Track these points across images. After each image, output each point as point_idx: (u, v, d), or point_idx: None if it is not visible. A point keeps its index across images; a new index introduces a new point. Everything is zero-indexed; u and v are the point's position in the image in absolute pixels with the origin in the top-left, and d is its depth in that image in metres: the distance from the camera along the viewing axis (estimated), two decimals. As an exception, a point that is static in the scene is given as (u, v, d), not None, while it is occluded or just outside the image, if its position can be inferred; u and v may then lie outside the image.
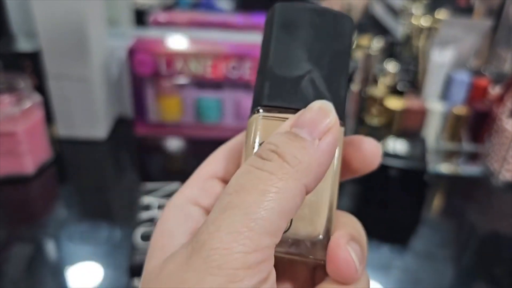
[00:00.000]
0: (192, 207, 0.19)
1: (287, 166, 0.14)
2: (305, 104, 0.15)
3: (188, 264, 0.14)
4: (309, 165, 0.15)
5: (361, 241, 0.17)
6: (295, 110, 0.16)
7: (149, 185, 0.43)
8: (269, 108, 0.16)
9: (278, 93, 0.16)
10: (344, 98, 0.17)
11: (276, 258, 0.16)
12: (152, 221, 0.38)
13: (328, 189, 0.16)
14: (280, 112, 0.16)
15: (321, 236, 0.16)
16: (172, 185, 0.43)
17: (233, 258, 0.13)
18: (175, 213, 0.18)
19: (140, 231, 0.37)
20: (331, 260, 0.16)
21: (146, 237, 0.36)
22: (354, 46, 0.17)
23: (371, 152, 0.18)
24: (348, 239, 0.16)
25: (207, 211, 0.18)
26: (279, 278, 0.17)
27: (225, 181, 0.19)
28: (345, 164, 0.18)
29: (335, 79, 0.16)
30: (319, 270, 0.18)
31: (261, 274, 0.14)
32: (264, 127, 0.16)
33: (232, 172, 0.18)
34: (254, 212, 0.14)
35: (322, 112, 0.15)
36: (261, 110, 0.16)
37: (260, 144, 0.16)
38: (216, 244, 0.13)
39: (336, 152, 0.16)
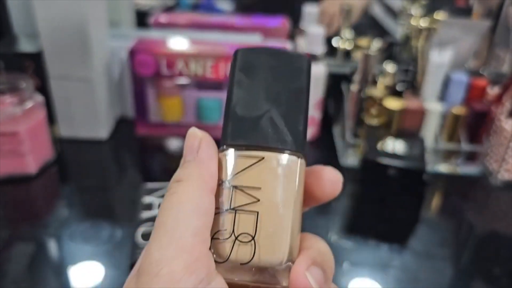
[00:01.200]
0: None
1: (184, 182, 0.18)
2: (265, 140, 0.17)
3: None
4: (199, 174, 0.18)
5: (323, 263, 0.18)
6: (257, 147, 0.17)
7: (150, 185, 0.43)
8: (234, 146, 0.18)
9: (241, 132, 0.18)
10: (303, 132, 0.18)
11: (242, 286, 0.17)
12: (153, 220, 0.38)
13: (290, 216, 0.17)
14: (245, 149, 0.18)
15: (284, 264, 0.17)
16: None
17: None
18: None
19: (141, 230, 0.38)
20: (293, 286, 0.17)
21: (147, 237, 0.37)
22: (309, 84, 0.18)
23: (331, 181, 0.19)
24: (309, 264, 0.17)
25: None
26: None
27: None
28: (308, 193, 0.19)
29: (293, 116, 0.18)
30: None
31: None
32: (230, 164, 0.18)
33: None
34: (170, 223, 0.17)
35: (191, 137, 0.19)
36: (226, 148, 0.18)
37: (227, 181, 0.18)
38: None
39: (296, 180, 0.18)
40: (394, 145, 0.53)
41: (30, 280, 0.40)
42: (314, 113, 0.63)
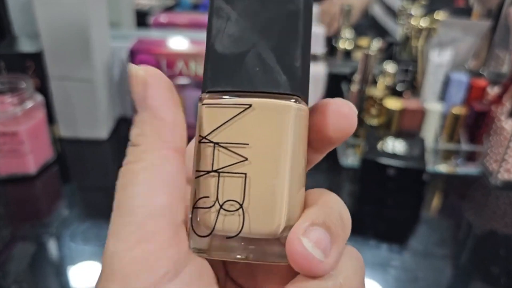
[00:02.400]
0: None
1: (137, 148, 0.15)
2: (252, 83, 0.14)
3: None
4: (156, 131, 0.14)
5: (328, 221, 0.14)
6: (240, 92, 0.14)
7: None
8: (212, 94, 0.14)
9: (222, 74, 0.14)
10: (301, 68, 0.14)
11: (232, 265, 0.15)
12: None
13: (286, 176, 0.14)
14: (228, 96, 0.14)
15: (280, 233, 0.14)
16: None
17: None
18: None
19: None
20: (289, 257, 0.13)
21: None
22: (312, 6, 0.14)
23: (340, 113, 0.15)
24: (306, 226, 0.13)
25: None
26: (257, 275, 0.16)
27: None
28: (320, 136, 0.15)
29: (287, 49, 0.14)
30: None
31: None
32: (208, 117, 0.14)
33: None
34: (127, 203, 0.14)
35: (131, 79, 0.15)
36: (204, 97, 0.14)
37: (203, 137, 0.14)
38: None
39: (293, 131, 0.14)
40: (394, 145, 0.53)
41: (31, 279, 0.40)
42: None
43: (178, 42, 0.61)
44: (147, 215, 0.13)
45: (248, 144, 0.14)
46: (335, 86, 0.69)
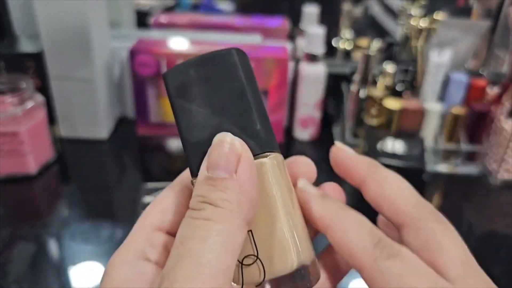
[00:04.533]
0: (144, 263, 0.18)
1: (221, 210, 0.15)
2: None
3: None
4: (239, 201, 0.16)
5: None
6: None
7: (150, 185, 0.43)
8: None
9: (200, 159, 0.16)
10: (263, 129, 0.17)
11: None
12: None
13: (283, 219, 0.16)
14: None
15: (296, 266, 0.16)
16: None
17: None
18: (127, 271, 0.18)
19: None
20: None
21: None
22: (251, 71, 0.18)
23: (305, 164, 0.20)
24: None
25: (159, 266, 0.18)
26: None
27: (170, 233, 0.19)
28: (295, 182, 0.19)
29: (246, 119, 0.16)
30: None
31: None
32: None
33: (176, 223, 0.18)
34: (201, 257, 0.15)
35: (226, 145, 0.16)
36: (194, 181, 0.17)
37: None
38: None
39: (273, 180, 0.17)
40: (393, 145, 0.53)
41: (31, 280, 0.40)
42: (314, 113, 0.63)
43: (178, 42, 0.61)
44: (217, 270, 0.15)
45: None
46: (335, 86, 0.69)
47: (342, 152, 0.21)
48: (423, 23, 0.62)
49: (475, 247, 0.48)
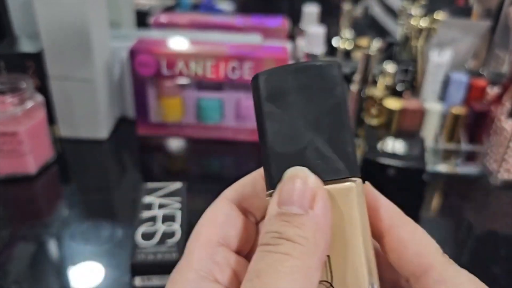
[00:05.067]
0: (212, 284, 0.17)
1: (298, 246, 0.15)
2: (317, 175, 0.16)
3: None
4: (315, 239, 0.15)
5: None
6: None
7: (151, 185, 0.43)
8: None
9: (283, 172, 0.16)
10: (353, 152, 0.16)
11: None
12: (153, 220, 0.38)
13: (360, 246, 0.16)
14: None
15: None
16: (173, 185, 0.43)
17: None
18: None
19: (141, 230, 0.38)
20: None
21: (147, 236, 0.37)
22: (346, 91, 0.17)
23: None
24: None
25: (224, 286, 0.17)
26: None
27: (233, 248, 0.18)
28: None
29: (339, 137, 0.16)
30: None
31: None
32: None
33: (234, 238, 0.18)
34: None
35: (299, 181, 0.15)
36: (270, 193, 0.16)
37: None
38: None
39: (356, 207, 0.16)
40: (394, 145, 0.53)
41: (31, 280, 0.40)
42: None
43: (178, 42, 0.61)
44: None
45: None
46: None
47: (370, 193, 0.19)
48: (423, 23, 0.62)
49: (475, 247, 0.48)
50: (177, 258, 0.28)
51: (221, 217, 0.18)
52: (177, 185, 0.42)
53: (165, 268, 0.30)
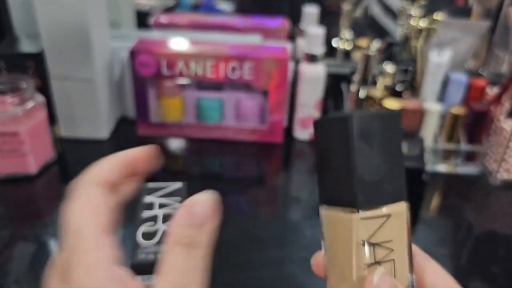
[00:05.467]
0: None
1: None
2: (391, 198, 0.20)
3: None
4: None
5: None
6: (383, 206, 0.20)
7: (151, 185, 0.43)
8: (365, 209, 0.20)
9: (371, 195, 0.20)
10: (405, 184, 0.20)
11: None
12: (154, 220, 0.38)
13: (408, 252, 0.20)
14: (376, 209, 0.20)
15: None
16: (174, 185, 0.43)
17: None
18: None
19: (142, 229, 0.38)
20: None
21: (148, 236, 0.37)
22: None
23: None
24: None
25: None
26: None
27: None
28: None
29: (400, 171, 0.20)
30: None
31: None
32: (367, 226, 0.20)
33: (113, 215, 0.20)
34: None
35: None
36: (356, 212, 0.19)
37: (366, 242, 0.20)
38: None
39: (407, 224, 0.20)
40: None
41: (31, 279, 0.40)
42: (314, 113, 0.63)
43: (178, 43, 0.61)
44: None
45: (391, 240, 0.20)
46: (335, 87, 0.69)
47: None
48: (423, 23, 0.62)
49: (475, 247, 0.48)
50: None
51: (100, 209, 0.20)
52: (177, 185, 0.42)
53: None
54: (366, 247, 0.19)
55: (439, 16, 0.63)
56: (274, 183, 0.60)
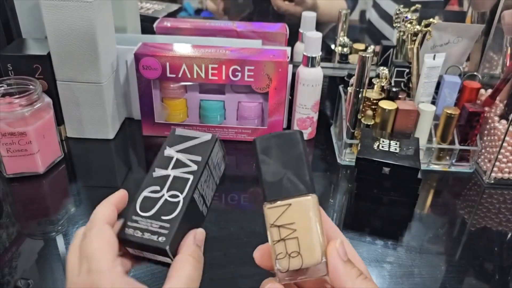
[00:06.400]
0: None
1: None
2: (290, 193, 0.26)
3: None
4: None
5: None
6: (285, 198, 0.26)
7: (179, 131, 0.40)
8: (271, 202, 0.26)
9: (274, 191, 0.27)
10: (310, 179, 0.27)
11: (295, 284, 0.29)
12: (162, 183, 0.31)
13: (316, 231, 0.26)
14: (279, 201, 0.26)
15: (321, 261, 0.26)
16: (203, 137, 0.39)
17: None
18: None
19: (145, 193, 0.34)
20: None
21: (148, 203, 0.31)
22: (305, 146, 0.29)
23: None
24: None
25: None
26: None
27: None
28: None
29: (301, 171, 0.27)
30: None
31: None
32: (274, 212, 0.26)
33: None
34: None
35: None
36: (268, 203, 0.26)
37: (274, 223, 0.26)
38: None
39: (312, 209, 0.26)
40: (389, 144, 0.55)
41: (38, 275, 0.41)
42: (313, 114, 0.64)
43: (181, 47, 0.62)
44: None
45: (294, 222, 0.26)
46: (332, 88, 0.70)
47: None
48: (418, 27, 0.63)
49: (468, 244, 0.49)
50: (164, 244, 0.27)
51: (111, 241, 0.27)
52: (206, 137, 0.35)
53: (150, 248, 0.28)
54: (274, 228, 0.26)
55: (434, 19, 0.64)
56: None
